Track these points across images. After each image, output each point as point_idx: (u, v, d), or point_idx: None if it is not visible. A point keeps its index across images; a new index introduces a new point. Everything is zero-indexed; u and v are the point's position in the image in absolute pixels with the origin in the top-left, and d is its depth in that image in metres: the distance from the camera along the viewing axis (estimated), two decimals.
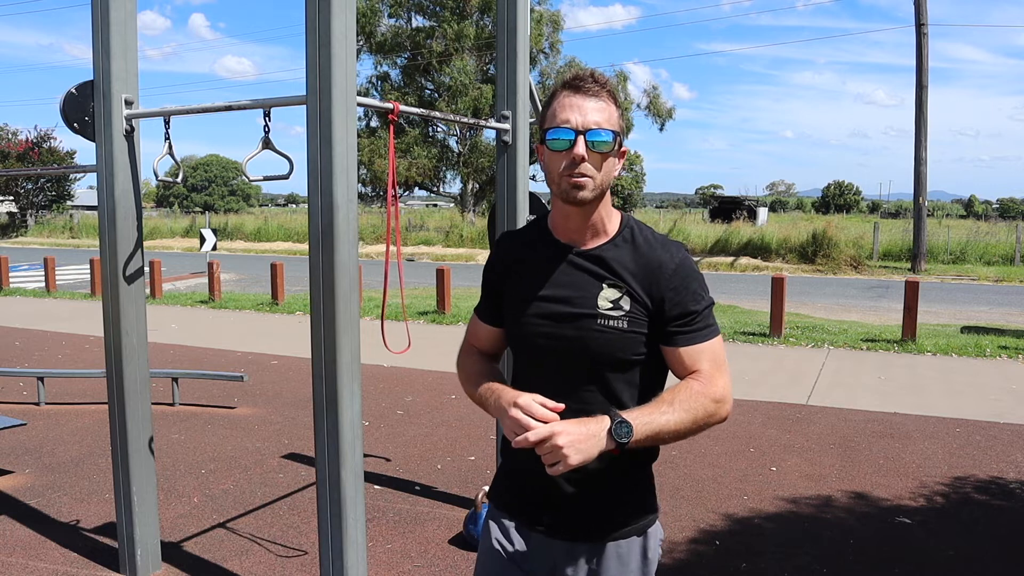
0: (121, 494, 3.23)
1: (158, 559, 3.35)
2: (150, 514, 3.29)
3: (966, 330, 9.72)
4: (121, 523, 3.26)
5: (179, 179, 3.36)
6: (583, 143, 1.44)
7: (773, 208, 66.86)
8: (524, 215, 3.69)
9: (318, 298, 2.67)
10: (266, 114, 2.81)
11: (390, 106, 2.85)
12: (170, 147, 3.13)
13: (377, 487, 4.35)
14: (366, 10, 30.52)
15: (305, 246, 23.05)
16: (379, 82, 33.05)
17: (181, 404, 6.13)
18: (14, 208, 36.96)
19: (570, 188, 1.46)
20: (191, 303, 12.34)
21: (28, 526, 3.79)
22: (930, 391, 6.60)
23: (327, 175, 2.58)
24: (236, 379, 6.03)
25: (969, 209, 78.28)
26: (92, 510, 4.00)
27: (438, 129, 32.69)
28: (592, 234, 1.54)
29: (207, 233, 14.14)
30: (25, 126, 65.39)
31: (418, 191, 36.39)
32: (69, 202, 39.99)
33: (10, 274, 14.80)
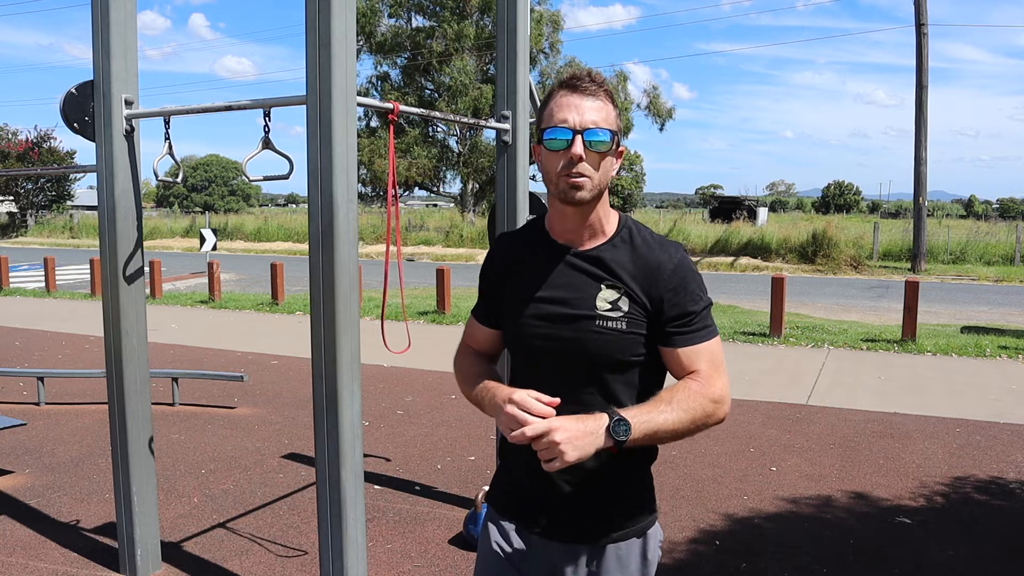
0: (121, 494, 3.23)
1: (158, 559, 3.35)
2: (150, 514, 3.29)
3: (966, 330, 9.72)
4: (121, 523, 3.26)
5: (179, 179, 3.36)
6: (581, 143, 1.42)
7: (773, 208, 66.86)
8: (524, 215, 3.69)
9: (318, 298, 2.67)
10: (266, 114, 2.81)
11: (390, 106, 2.85)
12: (170, 147, 3.13)
13: (377, 487, 4.35)
14: (366, 10, 30.52)
15: (305, 246, 23.05)
16: (379, 82, 33.06)
17: (181, 404, 6.13)
18: (14, 208, 36.97)
19: (568, 188, 1.45)
20: (191, 303, 12.34)
21: (28, 526, 3.79)
22: (930, 391, 6.60)
23: (327, 175, 2.58)
24: (236, 379, 6.03)
25: (969, 209, 78.30)
26: (92, 510, 4.00)
27: (438, 129, 32.70)
28: (590, 235, 1.53)
29: (207, 233, 14.15)
30: (25, 126, 65.49)
31: (418, 191, 36.39)
32: (69, 202, 40.00)
33: (10, 274, 14.81)
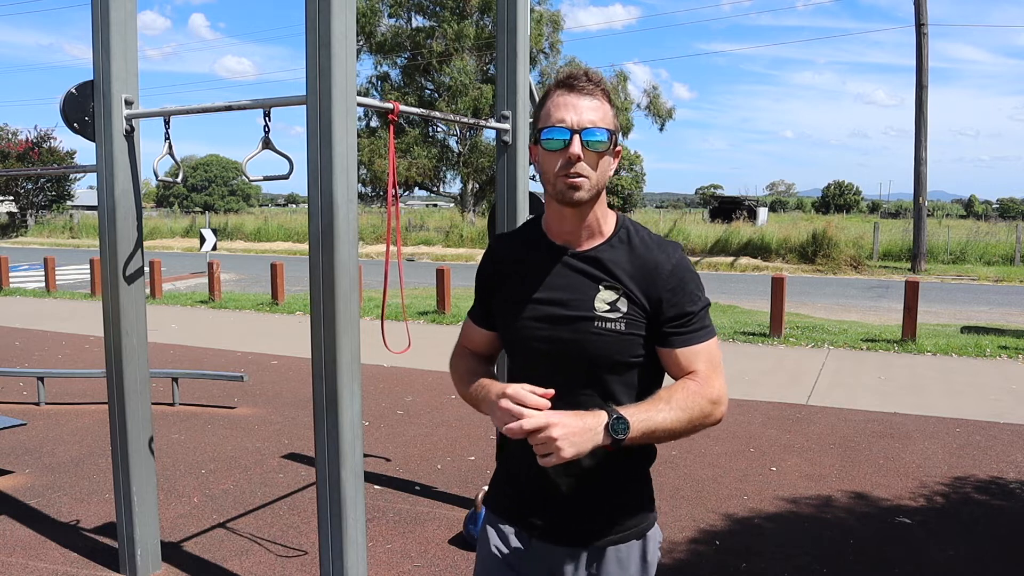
0: (121, 494, 3.23)
1: (158, 559, 3.35)
2: (150, 514, 3.29)
3: (966, 330, 9.72)
4: (121, 523, 3.26)
5: (179, 179, 3.36)
6: (579, 142, 1.41)
7: (773, 208, 66.86)
8: (524, 215, 3.69)
9: (318, 298, 2.67)
10: (266, 114, 2.81)
11: (390, 106, 2.85)
12: (170, 147, 3.13)
13: (377, 487, 4.35)
14: (366, 10, 30.52)
15: (305, 246, 23.05)
16: (379, 82, 33.06)
17: (181, 404, 6.13)
18: (14, 208, 36.97)
19: (566, 188, 1.44)
20: (191, 303, 12.34)
21: (28, 526, 3.79)
22: (930, 391, 6.60)
23: (327, 175, 2.58)
24: (236, 379, 6.03)
25: (969, 209, 78.29)
26: (92, 510, 4.00)
27: (438, 129, 32.70)
28: (588, 235, 1.52)
29: (207, 233, 14.15)
30: (25, 126, 65.51)
31: (418, 191, 36.40)
32: (69, 202, 40.01)
33: (10, 274, 14.81)
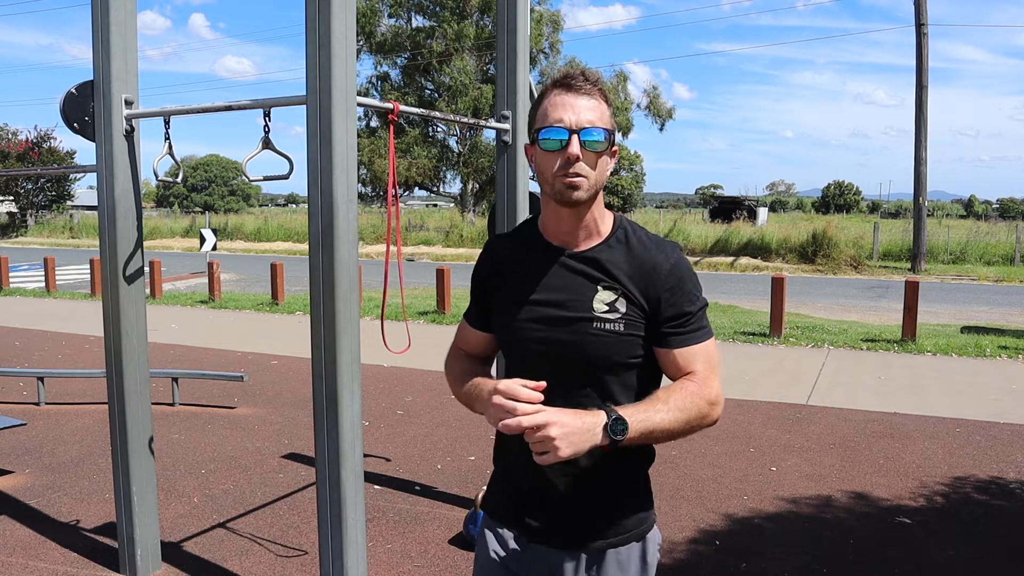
0: (121, 494, 3.23)
1: (158, 559, 3.35)
2: (150, 514, 3.29)
3: (966, 330, 9.72)
4: (121, 523, 3.26)
5: (179, 179, 3.36)
6: (577, 142, 1.40)
7: (773, 208, 66.85)
8: (524, 215, 3.69)
9: (318, 298, 2.67)
10: (266, 114, 2.81)
11: (390, 106, 2.85)
12: (170, 147, 3.13)
13: (377, 487, 4.35)
14: (366, 10, 30.52)
15: (305, 246, 23.05)
16: (379, 82, 33.06)
17: (181, 404, 6.13)
18: (14, 208, 36.97)
19: (565, 189, 1.43)
20: (191, 303, 12.34)
21: (28, 526, 3.79)
22: (930, 391, 6.60)
23: (327, 175, 2.58)
24: (236, 379, 6.03)
25: (969, 209, 78.28)
26: (92, 510, 4.00)
27: (438, 129, 32.70)
28: (585, 235, 1.51)
29: (207, 233, 14.15)
30: (25, 126, 65.54)
31: (418, 191, 36.39)
32: (69, 202, 40.01)
33: (10, 274, 14.81)
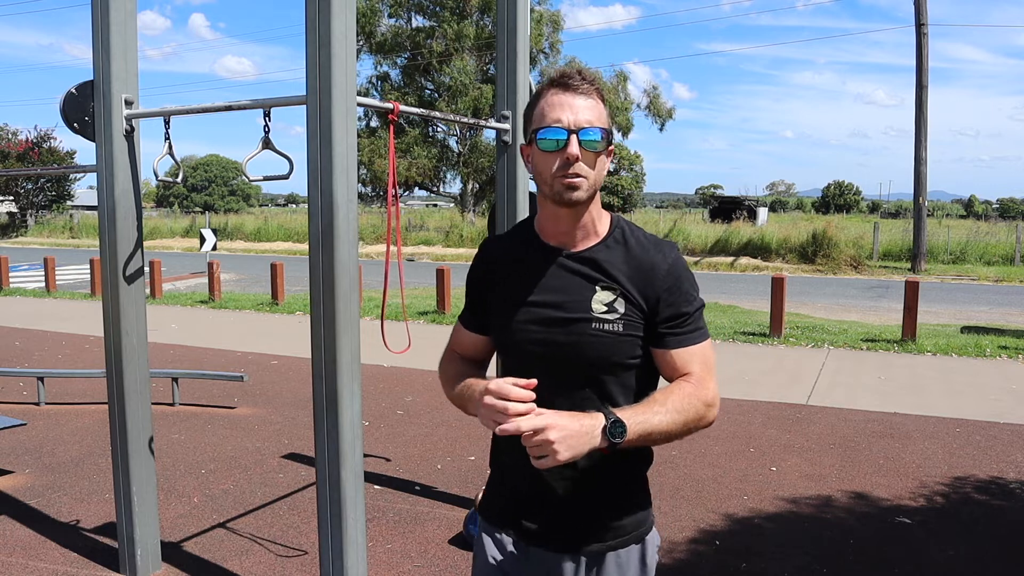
0: (121, 494, 3.23)
1: (158, 559, 3.35)
2: (150, 514, 3.29)
3: (966, 330, 9.72)
4: (121, 523, 3.26)
5: (179, 179, 3.36)
6: (576, 142, 1.39)
7: (773, 208, 66.86)
8: (524, 215, 3.69)
9: (318, 298, 2.67)
10: (266, 114, 2.81)
11: (390, 106, 2.85)
12: (170, 147, 3.13)
13: (377, 487, 4.35)
14: (366, 10, 30.52)
15: (305, 246, 23.05)
16: (379, 82, 33.06)
17: (181, 404, 6.13)
18: (14, 208, 36.97)
19: (564, 189, 1.41)
20: (191, 303, 12.34)
21: (28, 526, 3.79)
22: (930, 391, 6.60)
23: (327, 175, 2.58)
24: (236, 379, 6.03)
25: (969, 209, 78.29)
26: (92, 510, 4.00)
27: (438, 129, 32.70)
28: (583, 236, 1.49)
29: (207, 233, 14.15)
30: (25, 126, 65.53)
31: (418, 191, 36.39)
32: (69, 202, 40.02)
33: (10, 274, 14.81)
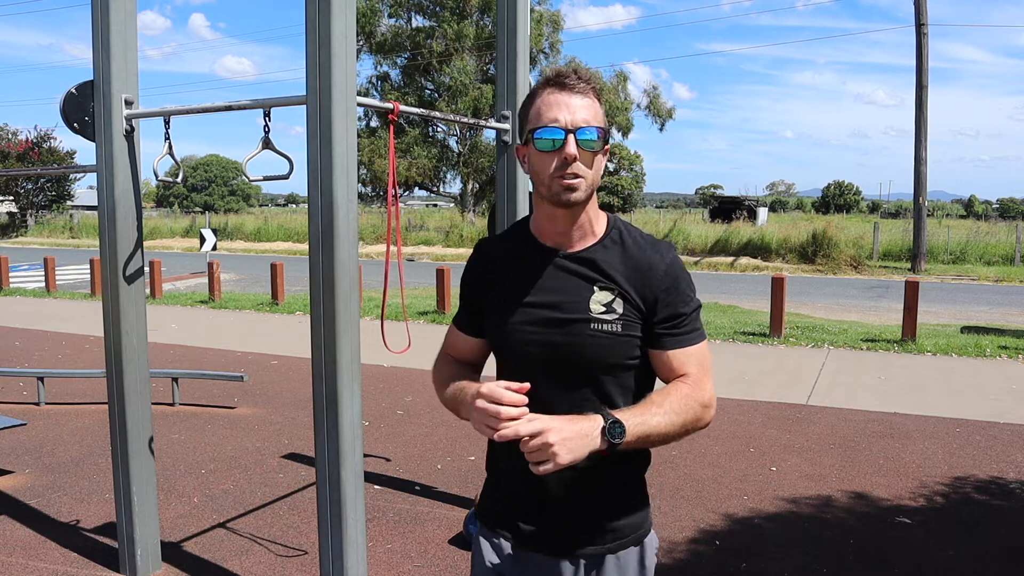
0: (121, 494, 3.23)
1: (158, 559, 3.35)
2: (150, 514, 3.29)
3: (966, 330, 9.72)
4: (121, 523, 3.26)
5: (179, 179, 3.36)
6: (574, 142, 1.38)
7: (773, 208, 66.85)
8: (524, 215, 3.69)
9: (318, 298, 2.67)
10: (266, 114, 2.81)
11: (390, 106, 2.85)
12: (170, 147, 3.13)
13: (377, 487, 4.35)
14: (366, 10, 30.52)
15: (305, 246, 23.04)
16: (379, 82, 33.07)
17: (181, 404, 6.13)
18: (14, 208, 36.97)
19: (562, 189, 1.40)
20: (191, 303, 12.34)
21: (28, 526, 3.79)
22: (930, 391, 6.60)
23: (327, 175, 2.58)
24: (236, 379, 6.03)
25: (969, 209, 78.27)
26: (92, 510, 4.00)
27: (438, 129, 32.70)
28: (580, 236, 1.48)
29: (207, 233, 14.15)
30: (25, 126, 65.56)
31: (418, 191, 36.39)
32: (69, 202, 40.02)
33: (10, 274, 14.80)
